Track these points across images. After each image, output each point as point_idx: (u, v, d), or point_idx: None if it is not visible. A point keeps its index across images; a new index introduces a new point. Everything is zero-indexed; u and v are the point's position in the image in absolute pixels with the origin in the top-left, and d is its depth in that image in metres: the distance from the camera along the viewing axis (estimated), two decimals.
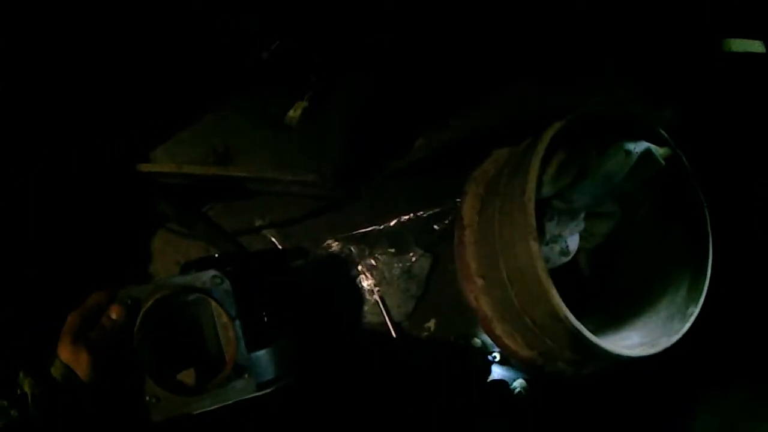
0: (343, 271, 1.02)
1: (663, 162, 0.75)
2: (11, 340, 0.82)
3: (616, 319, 0.85)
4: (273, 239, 1.00)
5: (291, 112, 0.93)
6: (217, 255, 0.89)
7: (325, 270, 1.02)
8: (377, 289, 1.01)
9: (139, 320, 0.65)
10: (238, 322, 0.67)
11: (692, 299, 0.79)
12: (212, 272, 0.70)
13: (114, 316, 0.65)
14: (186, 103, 1.00)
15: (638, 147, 0.74)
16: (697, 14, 0.82)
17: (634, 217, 0.92)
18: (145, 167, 0.97)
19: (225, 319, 0.67)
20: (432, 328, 1.02)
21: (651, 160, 0.74)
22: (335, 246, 1.03)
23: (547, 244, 0.84)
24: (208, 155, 0.99)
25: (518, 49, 0.86)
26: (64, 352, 0.64)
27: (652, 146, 0.74)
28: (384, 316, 0.99)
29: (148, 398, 0.65)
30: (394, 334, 0.99)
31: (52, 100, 0.87)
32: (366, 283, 1.02)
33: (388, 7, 0.77)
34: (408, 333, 1.00)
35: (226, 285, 0.69)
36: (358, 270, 1.02)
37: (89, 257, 0.93)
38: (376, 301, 1.00)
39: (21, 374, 0.63)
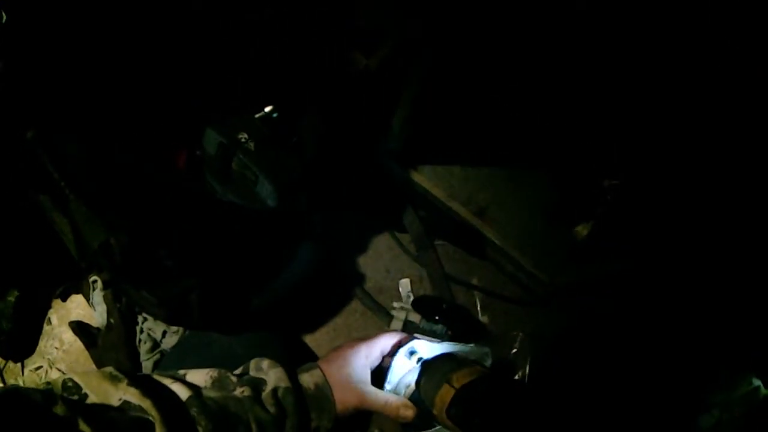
0: (513, 359, 1.06)
1: None
2: None
3: None
4: (477, 301, 1.05)
5: (580, 228, 0.98)
6: (445, 305, 0.94)
7: (501, 350, 1.05)
8: None
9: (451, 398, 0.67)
10: None
11: None
12: (487, 350, 0.76)
13: None
14: (477, 146, 1.06)
15: None
16: None
17: None
18: (416, 177, 1.03)
19: None
20: None
21: None
22: (519, 338, 1.07)
23: None
24: (469, 202, 1.05)
25: None
26: (334, 373, 0.70)
27: None
28: None
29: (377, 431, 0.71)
30: None
31: None
32: (521, 376, 1.05)
33: None
34: None
35: (489, 362, 0.75)
36: (524, 365, 1.05)
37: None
38: None
39: (265, 362, 0.69)
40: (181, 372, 0.66)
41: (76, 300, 1.04)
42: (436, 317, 0.88)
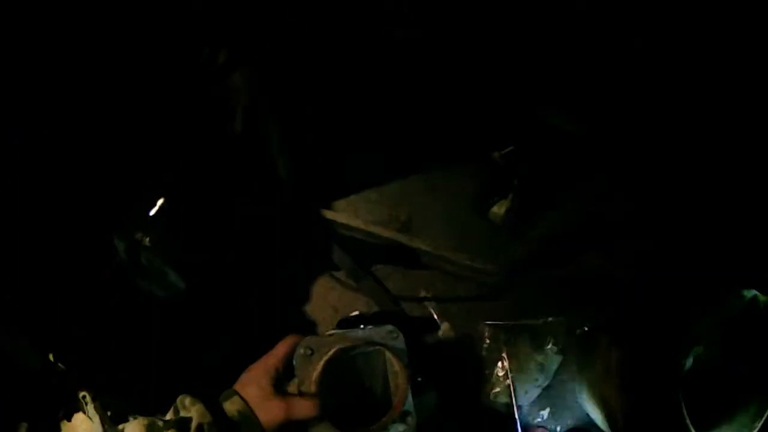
0: (487, 352, 1.07)
1: None
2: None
3: None
4: (432, 311, 1.07)
5: (495, 209, 0.99)
6: (373, 313, 0.97)
7: (473, 348, 1.07)
8: (511, 375, 1.06)
9: (321, 367, 0.73)
10: (407, 372, 0.75)
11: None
12: (390, 327, 0.79)
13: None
14: (381, 164, 1.09)
15: None
16: None
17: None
18: (329, 214, 1.07)
19: (397, 367, 0.76)
20: (545, 416, 1.08)
21: None
22: (487, 331, 1.07)
23: None
24: (390, 220, 1.07)
25: None
26: (251, 393, 0.73)
27: None
28: (512, 398, 1.05)
29: None
30: (516, 414, 1.05)
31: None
32: (502, 366, 1.06)
33: None
34: (526, 414, 1.07)
35: (401, 339, 0.78)
36: (501, 356, 1.06)
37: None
38: (508, 385, 1.05)
39: (187, 399, 0.70)
40: (120, 428, 0.72)
41: (80, 417, 1.13)
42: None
